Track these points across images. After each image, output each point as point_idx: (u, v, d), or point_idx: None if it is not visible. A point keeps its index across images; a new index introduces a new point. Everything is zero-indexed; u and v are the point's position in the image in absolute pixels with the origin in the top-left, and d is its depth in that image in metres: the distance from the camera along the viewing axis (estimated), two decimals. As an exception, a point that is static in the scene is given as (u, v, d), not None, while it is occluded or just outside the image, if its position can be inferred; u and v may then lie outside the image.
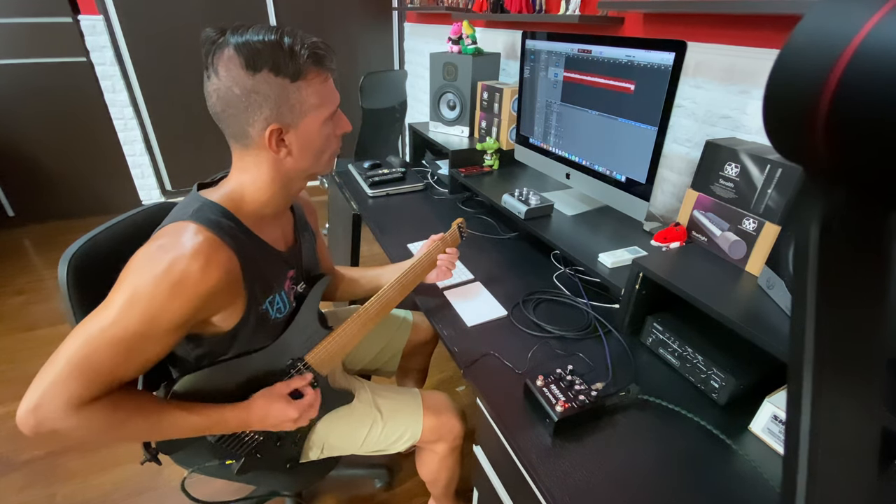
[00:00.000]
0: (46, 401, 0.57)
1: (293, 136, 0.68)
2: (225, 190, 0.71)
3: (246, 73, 0.62)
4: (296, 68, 0.63)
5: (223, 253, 0.64)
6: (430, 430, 0.99)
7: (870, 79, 0.15)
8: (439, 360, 1.77)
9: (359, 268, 1.13)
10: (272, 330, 0.78)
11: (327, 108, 0.69)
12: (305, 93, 0.66)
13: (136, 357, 0.62)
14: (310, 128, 0.69)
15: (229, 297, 0.68)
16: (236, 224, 0.69)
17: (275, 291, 0.76)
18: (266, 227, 0.75)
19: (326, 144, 0.73)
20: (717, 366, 0.81)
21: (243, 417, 0.75)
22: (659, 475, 0.70)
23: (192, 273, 0.60)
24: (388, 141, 2.64)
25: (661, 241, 1.08)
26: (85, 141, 2.81)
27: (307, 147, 0.70)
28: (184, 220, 0.64)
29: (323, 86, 0.68)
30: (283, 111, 0.65)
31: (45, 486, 1.35)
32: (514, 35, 2.00)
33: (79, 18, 2.53)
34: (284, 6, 2.94)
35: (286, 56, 0.62)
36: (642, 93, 1.03)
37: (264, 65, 0.62)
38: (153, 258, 0.61)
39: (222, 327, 0.71)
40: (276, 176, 0.71)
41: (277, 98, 0.64)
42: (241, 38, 0.61)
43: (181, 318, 0.62)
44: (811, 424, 0.20)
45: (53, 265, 2.44)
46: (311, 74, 0.66)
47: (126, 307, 0.59)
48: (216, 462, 0.83)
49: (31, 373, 0.56)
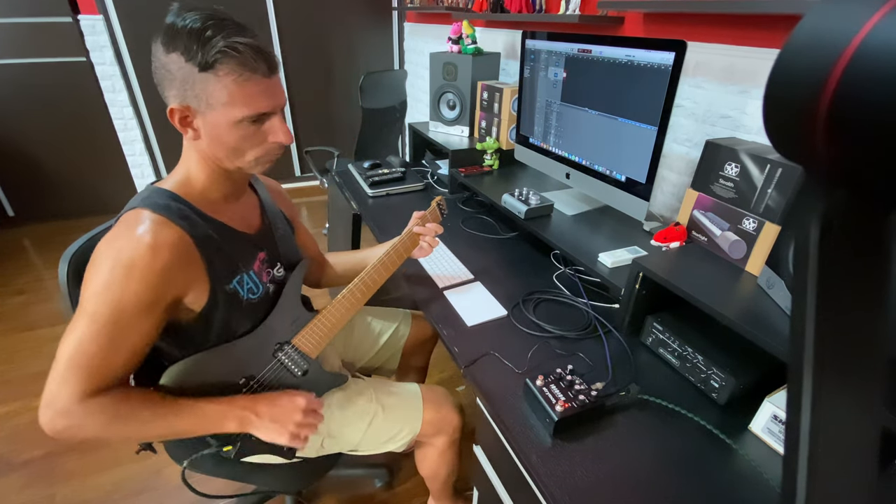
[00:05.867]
0: (54, 398, 0.63)
1: (201, 122, 0.68)
2: (174, 177, 0.74)
3: (163, 50, 0.64)
4: (203, 59, 0.63)
5: (170, 230, 0.66)
6: (429, 424, 0.99)
7: (870, 79, 0.15)
8: (439, 359, 1.77)
9: (343, 252, 1.14)
10: (248, 312, 0.79)
11: (240, 109, 0.66)
12: (213, 87, 0.65)
13: (120, 346, 0.65)
14: (218, 122, 0.67)
15: (188, 273, 0.69)
16: (186, 206, 0.71)
17: (241, 271, 0.77)
18: (222, 209, 0.77)
19: (245, 144, 0.70)
20: (717, 366, 0.81)
21: (252, 406, 0.77)
22: (659, 475, 0.70)
23: (141, 254, 0.63)
24: (388, 141, 2.64)
25: (661, 241, 1.08)
26: (85, 141, 2.81)
27: (217, 139, 0.69)
28: (134, 208, 0.68)
29: (238, 86, 0.65)
30: (188, 94, 0.66)
31: (45, 487, 1.35)
32: (514, 35, 2.00)
33: (79, 18, 2.53)
34: (285, 6, 2.94)
35: (199, 45, 0.63)
36: (642, 93, 1.03)
37: (177, 47, 0.64)
38: (108, 247, 0.65)
39: (194, 310, 0.72)
40: (202, 159, 0.73)
41: (183, 81, 0.65)
42: (173, 18, 0.64)
43: (145, 300, 0.64)
44: (811, 424, 0.20)
45: (53, 265, 2.44)
46: (223, 71, 0.64)
47: (94, 298, 0.63)
48: (212, 449, 0.82)
49: (31, 373, 0.57)
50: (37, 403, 0.63)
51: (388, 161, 1.89)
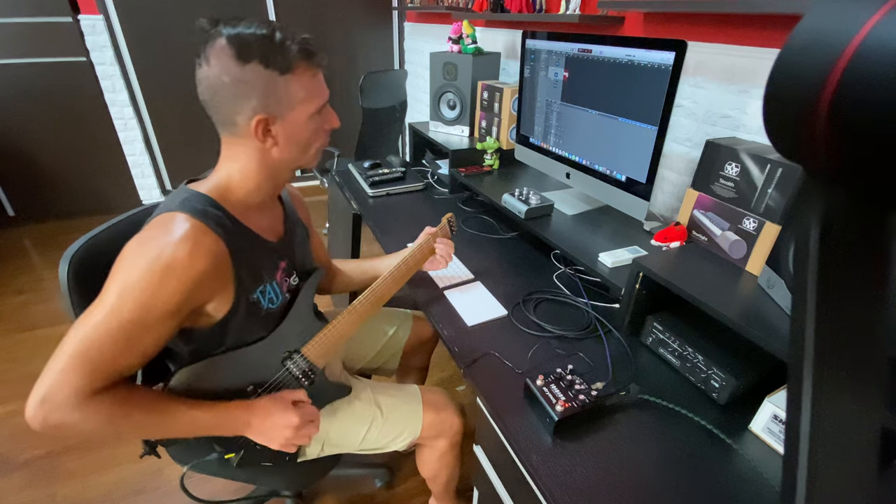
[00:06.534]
0: (52, 394, 0.59)
1: (280, 127, 0.69)
2: (213, 181, 0.73)
3: (236, 63, 0.63)
4: (285, 62, 0.65)
5: (210, 238, 0.66)
6: (429, 426, 0.99)
7: (870, 78, 0.15)
8: (440, 359, 1.77)
9: (353, 260, 1.14)
10: (265, 321, 0.79)
11: (315, 102, 0.71)
12: (294, 86, 0.67)
13: (134, 346, 0.63)
14: (297, 120, 0.70)
15: (218, 283, 0.69)
16: (223, 213, 0.70)
17: (265, 281, 0.77)
18: (254, 216, 0.76)
19: (313, 137, 0.74)
20: (717, 365, 0.81)
21: (246, 415, 0.75)
22: (659, 475, 0.70)
23: (180, 259, 0.62)
24: (388, 140, 2.64)
25: (662, 241, 1.08)
26: (85, 141, 2.81)
27: (293, 139, 0.72)
28: (171, 210, 0.66)
29: (311, 81, 0.70)
30: (270, 102, 0.67)
31: (46, 486, 1.35)
32: (514, 35, 2.00)
33: (79, 18, 2.53)
34: (285, 6, 2.94)
35: (276, 49, 0.64)
36: (642, 92, 1.03)
37: (254, 56, 0.63)
38: (142, 248, 0.63)
39: (214, 317, 0.71)
40: (263, 165, 0.73)
41: (265, 89, 0.65)
42: (233, 30, 0.63)
43: (174, 304, 0.63)
44: (811, 424, 0.20)
45: (53, 265, 2.44)
46: (300, 69, 0.67)
47: (119, 297, 0.61)
48: (215, 455, 0.83)
49: (31, 373, 0.57)
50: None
51: (388, 161, 1.89)
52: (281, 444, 0.78)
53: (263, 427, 0.76)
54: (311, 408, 0.83)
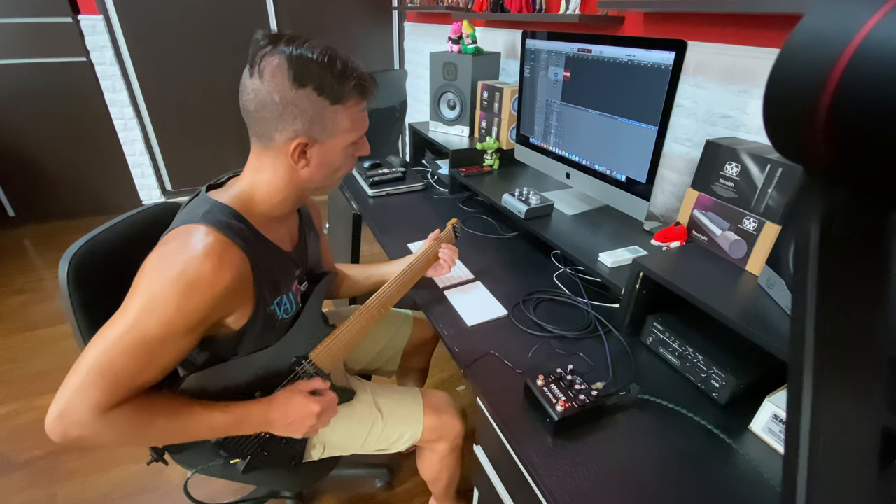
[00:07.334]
0: (71, 408, 0.58)
1: (316, 151, 0.70)
2: (235, 190, 0.72)
3: (291, 85, 0.63)
4: (339, 93, 0.66)
5: (234, 254, 0.65)
6: (430, 430, 0.99)
7: (870, 78, 0.15)
8: (440, 359, 1.77)
9: (358, 265, 1.14)
10: (279, 330, 0.79)
11: (356, 133, 0.72)
12: (341, 116, 0.69)
13: (155, 362, 0.63)
14: (335, 147, 0.71)
15: (241, 297, 0.69)
16: (246, 225, 0.70)
17: (283, 292, 0.77)
18: (274, 227, 0.76)
19: (344, 164, 0.75)
20: (717, 365, 0.81)
21: (265, 412, 0.75)
22: (659, 474, 0.70)
23: (205, 274, 0.61)
24: (388, 140, 2.64)
25: (662, 241, 1.08)
26: (85, 141, 2.81)
27: (326, 164, 0.72)
28: (194, 222, 0.65)
29: (359, 114, 0.71)
30: (314, 128, 0.67)
31: (46, 486, 1.35)
32: (514, 34, 2.00)
33: (79, 18, 2.53)
34: (285, 6, 2.94)
35: (334, 80, 0.65)
36: (642, 92, 1.03)
37: (310, 82, 0.64)
38: (166, 261, 0.62)
39: (232, 328, 0.71)
40: (290, 182, 0.72)
41: (313, 116, 0.66)
42: (295, 51, 0.63)
43: (197, 319, 0.63)
44: (811, 424, 0.20)
45: (53, 265, 2.44)
46: (351, 102, 0.69)
47: (143, 312, 0.60)
48: (221, 461, 0.83)
49: (31, 373, 0.57)
50: (38, 403, 0.61)
51: (388, 161, 1.89)
52: (305, 433, 0.79)
53: (287, 421, 0.77)
54: (330, 393, 0.84)
